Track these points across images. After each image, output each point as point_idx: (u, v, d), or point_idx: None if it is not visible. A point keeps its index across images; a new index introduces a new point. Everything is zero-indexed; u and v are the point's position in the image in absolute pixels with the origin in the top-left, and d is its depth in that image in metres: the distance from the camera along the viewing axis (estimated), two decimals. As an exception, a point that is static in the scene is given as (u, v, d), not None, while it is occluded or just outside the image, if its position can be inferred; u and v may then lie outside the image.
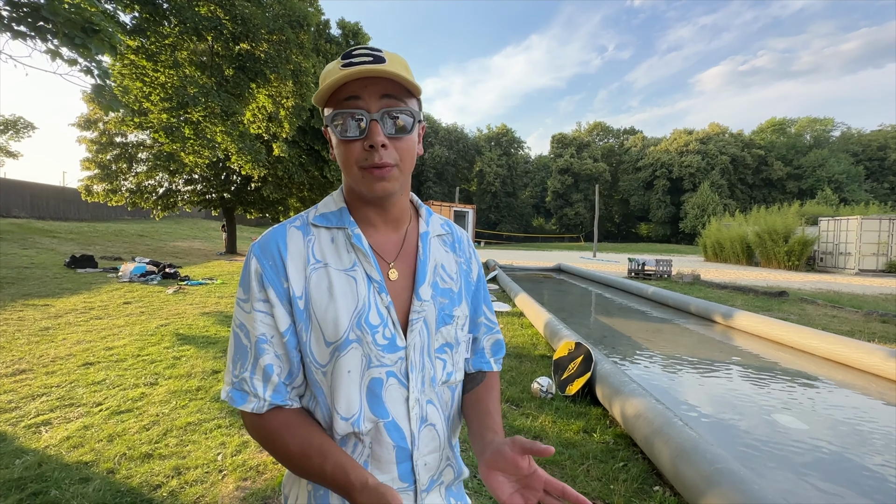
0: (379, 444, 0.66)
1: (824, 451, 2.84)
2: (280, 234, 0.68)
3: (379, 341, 0.65)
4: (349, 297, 0.66)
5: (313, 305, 0.65)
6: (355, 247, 0.68)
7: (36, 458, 2.36)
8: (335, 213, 0.71)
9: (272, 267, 0.66)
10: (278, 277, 0.65)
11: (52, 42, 3.09)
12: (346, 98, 0.63)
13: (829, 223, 17.49)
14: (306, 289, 0.66)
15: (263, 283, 0.65)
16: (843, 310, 7.63)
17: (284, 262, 0.66)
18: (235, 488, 2.17)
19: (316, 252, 0.67)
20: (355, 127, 0.63)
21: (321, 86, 0.65)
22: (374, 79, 0.63)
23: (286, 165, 15.33)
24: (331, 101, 0.65)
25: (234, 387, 0.65)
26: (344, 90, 0.63)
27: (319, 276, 0.66)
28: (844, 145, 48.23)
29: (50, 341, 4.59)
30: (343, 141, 0.64)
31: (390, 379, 0.66)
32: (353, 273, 0.67)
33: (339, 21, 17.48)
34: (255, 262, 0.66)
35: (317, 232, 0.69)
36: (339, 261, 0.68)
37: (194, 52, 8.81)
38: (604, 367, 3.37)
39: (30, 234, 14.22)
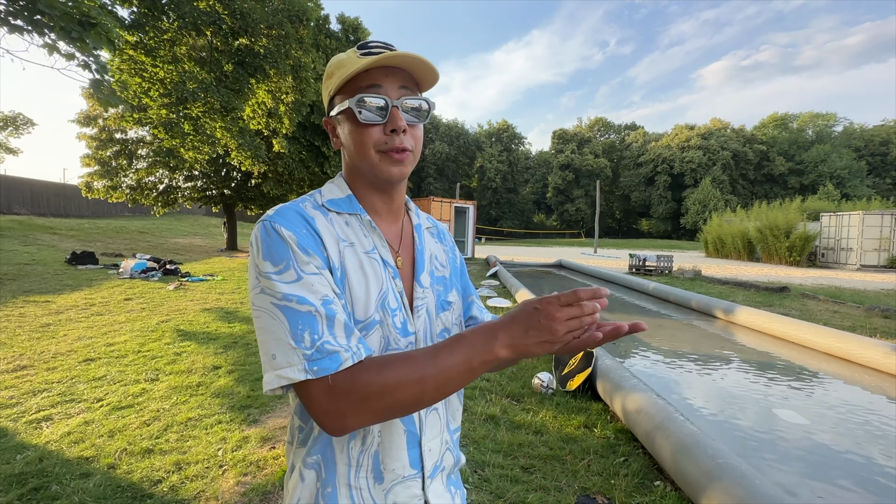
0: (390, 430, 0.65)
1: (825, 446, 2.84)
2: (300, 209, 0.65)
3: (396, 325, 0.67)
4: (375, 278, 0.66)
5: (349, 281, 0.64)
6: (373, 231, 0.69)
7: (37, 453, 2.37)
8: (344, 200, 0.70)
9: (308, 234, 0.61)
10: (317, 245, 0.62)
11: (49, 36, 3.07)
12: (368, 85, 0.65)
13: (830, 218, 17.44)
14: (342, 263, 0.64)
15: (305, 247, 0.60)
16: (845, 305, 7.61)
17: (318, 233, 0.63)
18: (236, 483, 2.17)
19: (340, 231, 0.67)
20: (377, 112, 0.65)
21: (338, 73, 0.66)
22: (393, 69, 0.66)
23: (286, 161, 15.31)
24: (346, 90, 0.67)
25: (312, 359, 0.55)
26: (365, 77, 0.65)
27: (351, 254, 0.66)
28: (847, 140, 48.06)
29: (51, 337, 4.59)
30: (363, 125, 0.65)
31: None
32: (374, 256, 0.68)
33: (339, 16, 17.39)
34: (285, 230, 0.59)
35: (332, 215, 0.68)
36: (360, 244, 0.68)
37: (193, 47, 8.77)
38: (605, 362, 3.36)
39: (30, 230, 14.23)
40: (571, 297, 0.53)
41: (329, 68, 0.69)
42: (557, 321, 0.53)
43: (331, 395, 0.55)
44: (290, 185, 16.56)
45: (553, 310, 0.53)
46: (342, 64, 0.66)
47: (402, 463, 0.66)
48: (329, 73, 0.69)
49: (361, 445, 0.64)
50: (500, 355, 0.55)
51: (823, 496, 2.30)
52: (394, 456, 0.65)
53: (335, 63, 0.68)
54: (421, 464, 0.68)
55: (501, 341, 0.55)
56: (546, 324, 0.53)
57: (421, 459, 0.68)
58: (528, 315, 0.54)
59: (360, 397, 0.54)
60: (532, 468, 2.37)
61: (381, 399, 0.55)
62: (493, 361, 0.56)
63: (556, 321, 0.53)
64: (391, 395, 0.54)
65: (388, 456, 0.65)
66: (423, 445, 0.68)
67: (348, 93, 0.66)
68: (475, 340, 0.56)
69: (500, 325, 0.56)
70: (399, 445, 0.66)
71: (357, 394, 0.54)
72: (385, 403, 0.55)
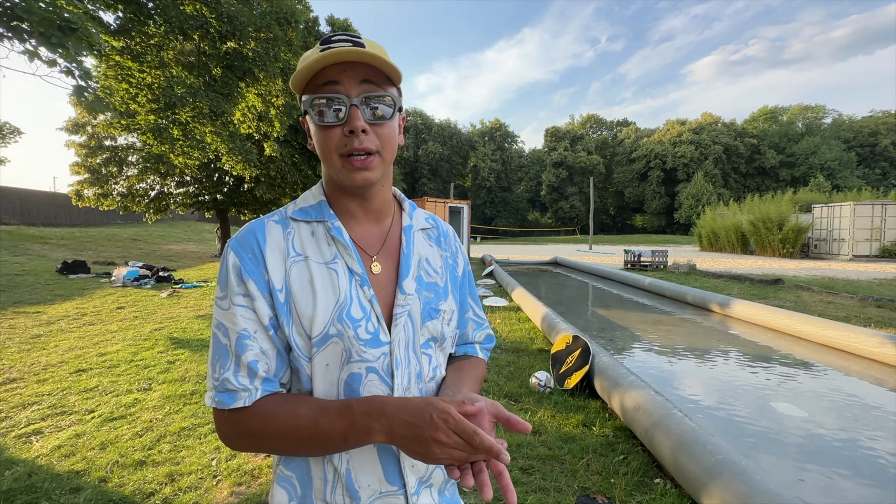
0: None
1: (824, 439, 2.84)
2: (258, 228, 0.66)
3: (361, 336, 0.63)
4: (330, 290, 0.64)
5: (294, 299, 0.63)
6: (335, 239, 0.67)
7: (26, 468, 2.31)
8: (314, 207, 0.69)
9: (251, 259, 0.63)
10: (258, 269, 0.63)
11: (29, 42, 3.00)
12: (325, 83, 0.61)
13: (822, 210, 17.58)
14: (286, 282, 0.63)
15: (242, 276, 0.62)
16: (839, 295, 7.66)
17: (264, 254, 0.63)
18: (230, 494, 2.14)
19: (296, 245, 0.66)
20: (334, 113, 0.61)
21: (298, 70, 0.62)
22: (353, 63, 0.61)
23: (279, 165, 15.20)
24: (308, 88, 0.63)
25: (217, 390, 0.61)
26: (322, 75, 0.61)
27: (300, 270, 0.64)
28: (836, 132, 48.49)
29: (41, 349, 4.52)
30: (322, 127, 0.62)
31: (370, 374, 0.64)
32: (335, 266, 0.65)
33: (329, 18, 17.30)
34: (232, 256, 0.63)
35: (296, 226, 0.67)
36: (319, 254, 0.66)
37: (181, 51, 8.69)
38: (602, 359, 3.35)
39: (21, 240, 14.05)
40: (468, 434, 0.51)
41: (298, 63, 0.66)
42: (438, 444, 0.51)
43: (224, 424, 0.62)
44: (282, 189, 16.45)
45: (440, 434, 0.51)
46: (305, 59, 0.62)
47: (377, 477, 0.64)
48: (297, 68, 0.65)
49: (333, 462, 0.63)
50: (376, 439, 0.56)
51: (825, 490, 2.29)
52: (366, 471, 0.64)
53: (301, 59, 0.65)
54: (402, 481, 0.65)
55: (382, 426, 0.55)
56: (429, 437, 0.52)
57: (402, 476, 0.65)
58: (422, 416, 0.53)
59: (247, 434, 0.60)
60: (531, 469, 2.35)
61: (264, 441, 0.60)
62: (370, 442, 0.57)
63: (437, 443, 0.51)
64: (271, 441, 0.59)
65: (360, 471, 0.63)
66: (401, 461, 0.65)
67: (309, 91, 0.63)
68: (358, 416, 0.56)
69: (391, 409, 0.55)
70: (370, 460, 0.64)
71: (244, 431, 0.61)
72: (267, 445, 0.60)
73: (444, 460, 0.53)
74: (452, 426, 0.51)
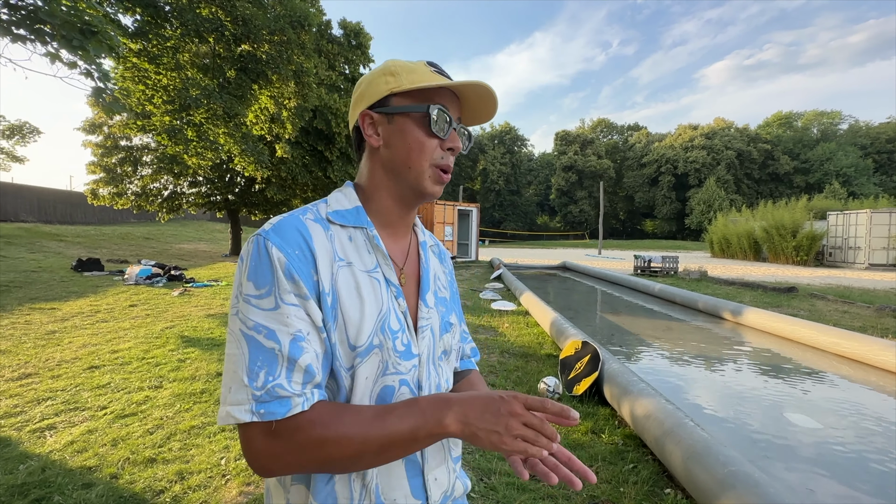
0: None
1: (840, 451, 2.77)
2: (300, 225, 0.61)
3: (398, 348, 0.63)
4: (373, 300, 0.62)
5: (342, 305, 0.60)
6: (377, 248, 0.66)
7: (40, 463, 2.35)
8: (351, 212, 0.66)
9: (300, 257, 0.58)
10: (308, 268, 0.58)
11: (51, 45, 3.08)
12: (440, 101, 0.66)
13: (837, 217, 17.27)
14: (334, 286, 0.60)
15: (292, 273, 0.56)
16: (855, 305, 7.51)
17: (314, 253, 0.59)
18: (238, 493, 2.15)
19: (338, 249, 0.63)
20: (444, 128, 0.66)
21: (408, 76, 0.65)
22: (457, 98, 0.69)
23: (289, 166, 15.35)
24: (413, 95, 0.66)
25: (261, 401, 0.52)
26: (437, 94, 0.66)
27: (346, 275, 0.62)
28: (852, 138, 47.67)
29: (56, 345, 4.60)
30: (429, 134, 0.65)
31: (402, 388, 0.64)
32: (376, 275, 0.64)
33: (341, 21, 17.46)
34: (276, 251, 0.56)
35: (334, 228, 0.64)
36: (361, 262, 0.64)
37: (196, 53, 8.82)
38: (611, 366, 3.31)
39: (37, 237, 14.34)
40: (538, 403, 0.54)
41: (391, 67, 0.66)
42: (515, 417, 0.53)
43: (270, 440, 0.53)
44: (293, 190, 16.61)
45: (515, 406, 0.54)
46: (413, 70, 0.66)
47: (404, 493, 0.63)
48: (392, 70, 0.66)
49: (362, 483, 0.61)
50: (450, 430, 0.54)
51: (840, 503, 2.24)
52: (394, 486, 0.63)
53: (401, 65, 0.67)
54: (426, 494, 0.65)
55: (455, 415, 0.55)
56: (504, 415, 0.53)
57: (425, 490, 0.65)
58: (491, 400, 0.55)
59: (300, 446, 0.53)
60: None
61: (320, 451, 0.53)
62: (441, 435, 0.55)
63: (515, 417, 0.53)
64: (330, 449, 0.53)
65: (388, 486, 0.62)
66: (425, 475, 0.65)
67: (419, 99, 0.66)
68: (427, 409, 0.56)
69: (459, 399, 0.56)
70: (398, 474, 0.63)
71: (297, 442, 0.53)
72: (322, 456, 0.54)
73: (519, 437, 0.53)
74: (522, 401, 0.54)
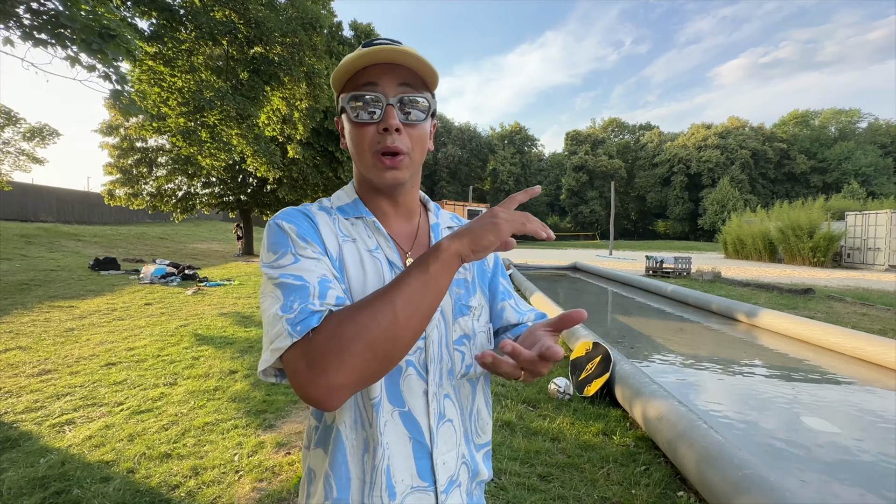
0: (396, 437, 0.64)
1: (857, 456, 2.71)
2: (303, 208, 0.67)
3: None
4: (376, 275, 0.65)
5: (347, 274, 0.64)
6: (377, 231, 0.69)
7: (59, 457, 2.41)
8: (350, 205, 0.71)
9: (307, 226, 0.63)
10: (315, 234, 0.63)
11: (71, 48, 3.16)
12: (364, 83, 0.63)
13: (856, 218, 16.87)
14: (341, 255, 0.64)
15: (304, 236, 0.61)
16: (874, 307, 7.33)
17: (317, 226, 0.64)
18: (252, 489, 2.18)
19: (343, 229, 0.67)
20: (371, 111, 0.63)
21: (339, 69, 0.64)
22: (392, 66, 0.63)
23: (301, 167, 15.52)
24: (347, 87, 0.66)
25: (294, 322, 0.53)
26: (363, 75, 0.64)
27: (351, 249, 0.66)
28: (872, 137, 46.53)
29: (74, 342, 4.70)
30: (357, 124, 0.64)
31: (409, 368, 0.65)
32: (377, 255, 0.67)
33: (352, 23, 17.62)
34: (284, 223, 0.62)
35: (336, 216, 0.69)
36: (364, 242, 0.68)
37: (210, 56, 8.95)
38: (623, 367, 3.29)
39: (56, 237, 14.68)
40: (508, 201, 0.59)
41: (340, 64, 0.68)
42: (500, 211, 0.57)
43: (311, 354, 0.51)
44: (304, 191, 16.77)
45: (496, 208, 0.58)
46: (344, 61, 0.65)
47: (411, 473, 0.64)
48: (336, 70, 0.67)
49: (374, 459, 0.63)
50: (451, 247, 0.55)
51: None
52: (401, 466, 0.64)
53: (343, 62, 0.67)
54: (433, 477, 0.66)
55: (450, 237, 0.56)
56: (489, 216, 0.57)
57: (433, 473, 0.66)
58: (478, 217, 0.58)
59: (340, 344, 0.51)
60: (550, 476, 2.32)
61: (360, 339, 0.51)
62: (443, 253, 0.55)
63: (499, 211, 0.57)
64: (367, 331, 0.51)
65: (397, 467, 0.63)
66: (434, 458, 0.66)
67: (349, 90, 0.65)
68: (430, 249, 0.57)
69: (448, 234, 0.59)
70: (405, 455, 0.64)
71: (336, 340, 0.51)
72: (364, 343, 0.51)
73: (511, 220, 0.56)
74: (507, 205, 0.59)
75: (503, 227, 0.55)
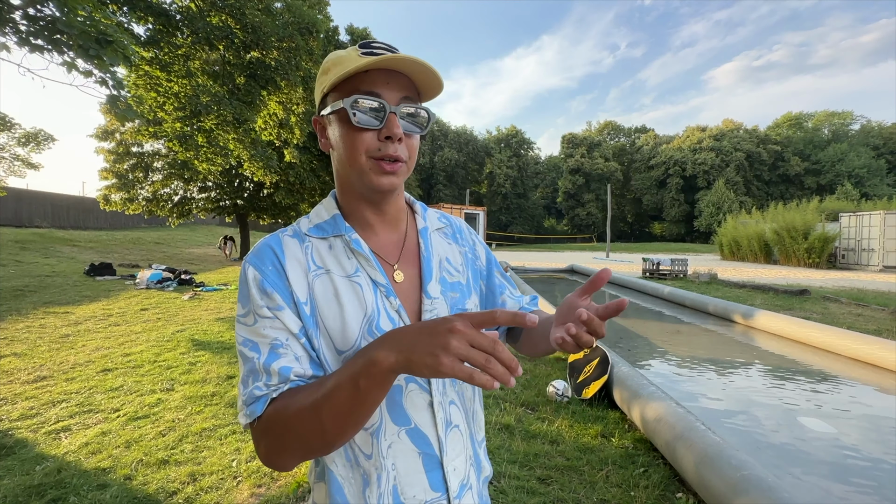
0: (403, 456, 0.62)
1: (854, 456, 2.73)
2: (273, 241, 0.64)
3: None
4: (356, 304, 0.62)
5: (320, 313, 0.61)
6: (356, 252, 0.65)
7: (55, 464, 2.39)
8: (328, 222, 0.67)
9: (273, 271, 0.61)
10: (281, 280, 0.61)
11: (67, 54, 3.16)
12: (367, 88, 0.61)
13: (850, 219, 17.00)
14: (311, 295, 0.62)
15: (265, 288, 0.60)
16: (869, 308, 7.38)
17: (284, 266, 0.62)
18: (250, 495, 2.16)
19: (315, 259, 0.64)
20: (373, 116, 0.61)
21: (335, 69, 0.62)
22: (395, 74, 0.62)
23: (297, 171, 15.50)
24: (341, 88, 0.62)
25: (246, 404, 0.57)
26: (364, 79, 0.61)
27: (323, 283, 0.63)
28: (864, 139, 46.95)
29: (70, 348, 4.67)
30: (355, 128, 0.61)
31: (410, 385, 0.63)
32: (357, 279, 0.64)
33: (348, 27, 17.67)
34: (251, 270, 0.61)
35: (311, 241, 0.66)
36: (340, 267, 0.64)
37: (206, 61, 8.95)
38: (621, 369, 3.29)
39: (51, 242, 14.59)
40: (486, 317, 0.47)
41: (326, 64, 0.65)
42: (457, 334, 0.46)
43: (257, 439, 0.57)
44: (301, 195, 16.74)
45: (457, 323, 0.47)
46: (340, 61, 0.62)
47: (423, 487, 0.63)
48: (325, 68, 0.65)
49: (378, 488, 0.61)
50: (384, 363, 0.48)
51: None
52: (412, 482, 0.63)
53: (333, 59, 0.64)
54: (445, 485, 0.65)
55: (387, 345, 0.49)
56: (443, 333, 0.46)
57: (445, 481, 0.65)
58: (430, 322, 0.49)
59: (275, 435, 0.55)
60: (549, 479, 2.32)
61: (290, 434, 0.54)
62: (378, 372, 0.49)
63: (456, 334, 0.46)
64: (294, 428, 0.53)
65: (407, 484, 0.62)
66: (445, 466, 0.65)
67: (344, 92, 0.62)
68: (363, 350, 0.52)
69: (396, 330, 0.52)
70: (415, 470, 0.63)
71: (272, 432, 0.55)
72: (298, 442, 0.54)
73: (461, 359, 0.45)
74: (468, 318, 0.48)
75: (445, 367, 0.45)
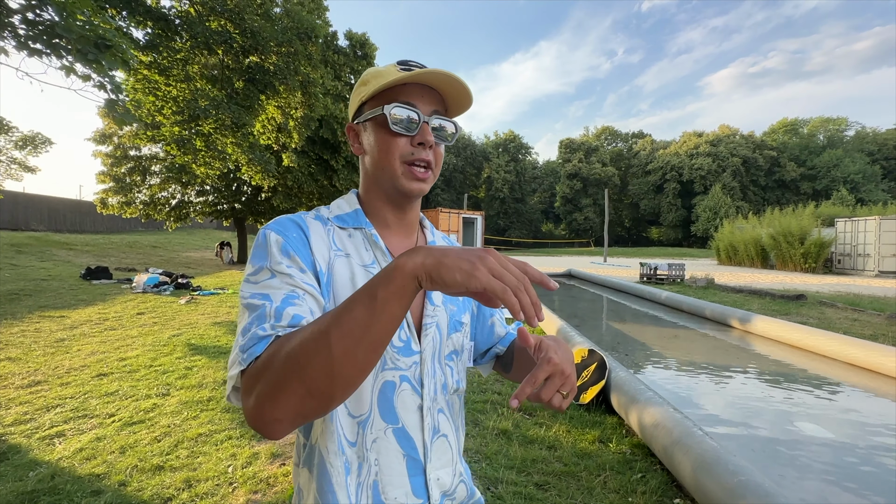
0: (387, 454, 0.63)
1: (851, 462, 2.73)
2: (298, 218, 0.66)
3: (395, 343, 0.64)
4: None
5: (335, 291, 0.62)
6: (375, 244, 0.68)
7: (49, 470, 2.37)
8: (350, 215, 0.71)
9: (297, 238, 0.62)
10: (304, 247, 0.61)
11: (66, 58, 3.16)
12: (403, 99, 0.66)
13: (846, 224, 17.10)
14: (330, 271, 0.63)
15: (287, 250, 0.59)
16: (865, 313, 7.41)
17: (308, 237, 0.63)
18: (246, 501, 2.15)
19: (337, 242, 0.67)
20: (408, 123, 0.66)
21: (375, 81, 0.67)
22: (428, 90, 0.67)
23: (295, 175, 15.51)
24: (380, 98, 0.67)
25: (244, 349, 0.51)
26: (401, 92, 0.66)
27: (342, 265, 0.65)
28: (859, 144, 47.33)
29: (65, 352, 4.64)
30: (392, 134, 0.66)
31: (403, 384, 0.64)
32: (373, 270, 0.66)
33: (347, 32, 17.72)
34: (273, 234, 0.60)
35: (333, 227, 0.69)
36: (359, 256, 0.67)
37: (205, 65, 8.97)
38: (619, 374, 3.29)
39: (47, 246, 14.52)
40: (518, 263, 0.47)
41: (365, 76, 0.70)
42: (492, 255, 0.45)
43: (251, 384, 0.48)
44: (299, 199, 16.74)
45: (493, 252, 0.46)
46: (380, 74, 0.67)
47: (405, 491, 0.64)
48: (365, 80, 0.69)
49: (358, 477, 0.62)
50: (406, 267, 0.45)
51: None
52: (394, 483, 0.63)
53: (372, 72, 0.69)
54: (427, 493, 0.65)
55: (413, 252, 0.47)
56: (479, 250, 0.46)
57: (427, 489, 0.65)
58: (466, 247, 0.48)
59: (272, 372, 0.46)
60: (546, 485, 2.31)
61: (293, 375, 0.45)
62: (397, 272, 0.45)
63: (491, 254, 0.45)
64: (296, 358, 0.45)
65: (389, 484, 0.63)
66: (427, 474, 0.65)
67: (383, 101, 0.67)
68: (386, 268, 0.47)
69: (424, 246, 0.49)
70: (398, 472, 0.63)
71: (268, 370, 0.47)
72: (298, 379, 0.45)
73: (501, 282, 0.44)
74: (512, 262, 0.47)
75: (480, 274, 0.43)
